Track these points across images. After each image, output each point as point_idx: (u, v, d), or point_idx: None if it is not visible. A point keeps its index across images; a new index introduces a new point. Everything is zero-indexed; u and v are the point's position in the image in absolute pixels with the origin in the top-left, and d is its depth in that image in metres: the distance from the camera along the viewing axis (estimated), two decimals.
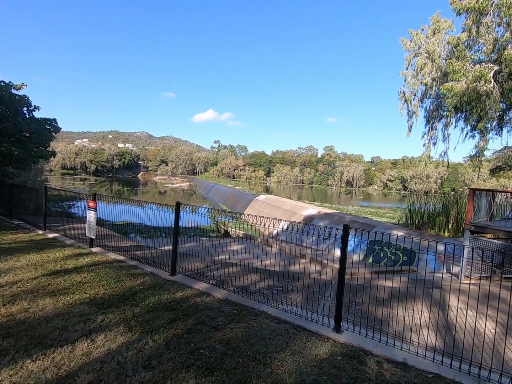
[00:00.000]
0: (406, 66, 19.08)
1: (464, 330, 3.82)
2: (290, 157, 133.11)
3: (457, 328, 4.12)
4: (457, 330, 4.05)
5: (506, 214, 9.98)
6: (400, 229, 13.92)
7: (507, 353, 3.45)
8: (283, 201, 25.93)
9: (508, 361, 3.26)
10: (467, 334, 3.87)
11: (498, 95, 11.90)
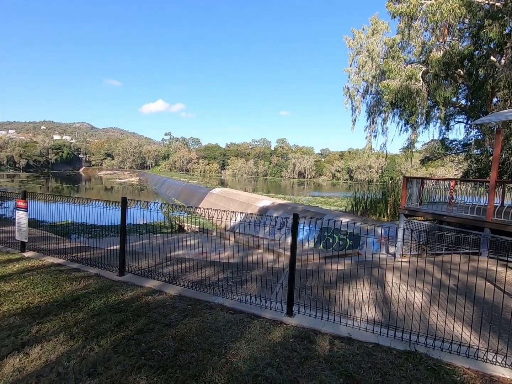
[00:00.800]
0: (349, 63, 20.25)
1: (397, 302, 4.30)
2: (244, 149, 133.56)
3: (393, 301, 4.62)
4: (393, 303, 4.55)
5: (433, 198, 11.42)
6: (347, 216, 14.98)
7: (432, 318, 3.99)
8: (238, 193, 26.04)
9: (433, 324, 3.77)
10: (401, 306, 4.38)
11: (425, 93, 13.35)
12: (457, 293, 4.78)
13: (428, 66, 13.54)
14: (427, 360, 2.78)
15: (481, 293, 4.97)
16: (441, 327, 3.64)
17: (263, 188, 61.14)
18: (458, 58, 12.51)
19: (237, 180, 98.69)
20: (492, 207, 6.88)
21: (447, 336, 3.22)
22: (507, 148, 12.34)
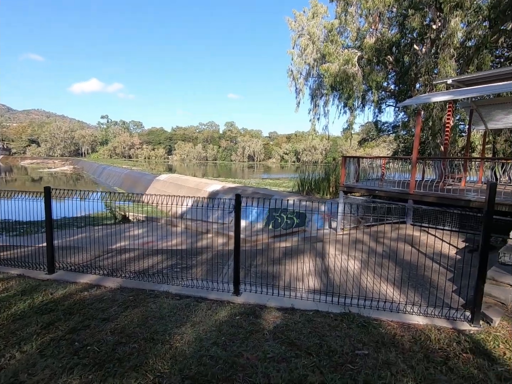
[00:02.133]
0: (292, 46, 20.45)
1: (336, 271, 4.69)
2: (191, 133, 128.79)
3: (332, 270, 5.02)
4: (332, 272, 4.94)
5: (369, 175, 12.54)
6: (294, 195, 15.62)
7: (364, 282, 4.45)
8: (187, 179, 25.26)
9: (365, 287, 4.21)
10: (339, 274, 4.79)
11: (361, 78, 14.26)
12: (383, 257, 5.40)
13: (362, 52, 14.40)
14: (359, 318, 3.10)
15: (405, 256, 5.69)
16: (372, 289, 4.09)
17: (213, 172, 60.16)
18: (388, 45, 13.53)
19: (185, 165, 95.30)
20: (414, 181, 7.81)
21: (376, 296, 3.62)
22: (427, 129, 14.01)
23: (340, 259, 5.51)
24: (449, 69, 11.11)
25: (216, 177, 37.91)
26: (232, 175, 48.70)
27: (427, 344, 2.65)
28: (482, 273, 2.97)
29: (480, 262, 2.97)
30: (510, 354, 2.46)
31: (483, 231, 2.96)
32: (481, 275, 2.97)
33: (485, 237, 2.96)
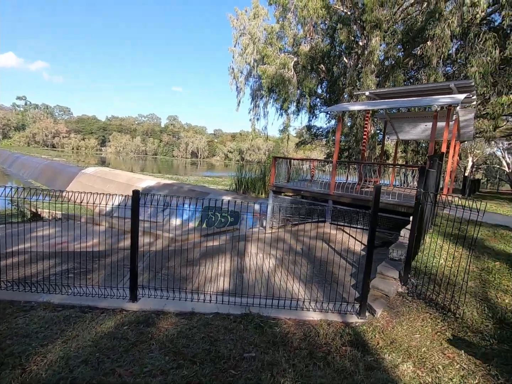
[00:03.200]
0: (234, 44, 20.33)
1: (251, 270, 4.68)
2: (130, 125, 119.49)
3: (248, 269, 5.01)
4: (247, 271, 4.92)
5: (302, 176, 13.15)
6: (230, 194, 15.52)
7: (275, 280, 4.52)
8: (118, 173, 23.21)
9: (275, 285, 4.26)
10: (253, 273, 4.79)
11: (296, 83, 14.88)
12: (299, 255, 5.61)
13: (298, 58, 15.03)
14: (257, 319, 3.07)
15: (318, 253, 6.01)
16: (279, 287, 4.16)
17: (152, 168, 56.73)
18: (321, 55, 14.36)
19: (121, 159, 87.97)
20: (334, 182, 8.40)
21: (283, 294, 3.68)
22: (352, 136, 15.33)
23: (259, 257, 5.55)
24: (370, 82, 12.28)
25: (156, 173, 35.77)
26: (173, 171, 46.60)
27: (315, 340, 2.74)
28: (368, 268, 3.21)
29: (367, 259, 3.21)
30: (383, 343, 2.68)
31: (369, 230, 3.20)
32: (367, 270, 3.21)
33: (371, 235, 3.21)
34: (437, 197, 5.27)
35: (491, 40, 10.97)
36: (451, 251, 4.32)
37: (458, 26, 11.16)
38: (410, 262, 3.61)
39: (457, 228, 5.51)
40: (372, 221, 3.16)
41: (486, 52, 11.05)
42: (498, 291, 3.22)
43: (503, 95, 11.26)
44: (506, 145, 34.63)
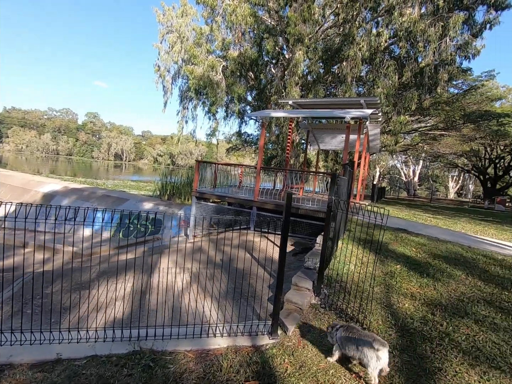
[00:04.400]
0: (160, 40, 19.13)
1: (155, 290, 4.01)
2: (36, 119, 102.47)
3: (156, 289, 4.32)
4: (155, 291, 4.24)
5: (232, 182, 12.81)
6: (153, 200, 14.21)
7: (183, 301, 3.95)
8: (11, 175, 19.25)
9: (181, 308, 3.70)
10: (162, 293, 4.14)
11: (224, 87, 14.62)
12: (217, 267, 5.17)
13: (227, 62, 14.83)
14: (149, 356, 2.48)
15: (239, 263, 5.67)
16: (188, 309, 3.61)
17: (66, 170, 49.28)
18: (249, 62, 14.44)
19: (24, 158, 74.53)
20: (258, 188, 8.28)
21: (190, 318, 3.15)
22: (278, 143, 15.82)
23: (171, 273, 4.90)
24: (294, 93, 12.81)
25: (68, 176, 30.95)
26: (91, 174, 41.32)
27: (216, 377, 2.30)
28: (279, 281, 2.95)
29: (278, 271, 2.95)
30: (291, 369, 2.40)
31: (281, 239, 2.96)
32: (279, 283, 2.95)
33: (283, 243, 2.97)
34: (349, 203, 5.50)
35: (392, 67, 12.64)
36: (361, 257, 4.46)
37: (367, 50, 12.53)
38: (323, 271, 3.51)
39: (365, 233, 5.87)
40: (284, 229, 2.92)
41: (388, 76, 12.67)
42: (400, 296, 3.34)
43: (401, 115, 13.06)
44: (403, 159, 41.15)
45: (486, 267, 4.22)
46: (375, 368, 2.12)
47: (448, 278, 3.76)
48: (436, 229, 7.18)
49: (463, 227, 8.15)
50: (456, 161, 33.70)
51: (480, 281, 3.71)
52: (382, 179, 48.33)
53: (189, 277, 4.83)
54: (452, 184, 46.15)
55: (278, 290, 2.94)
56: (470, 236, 6.58)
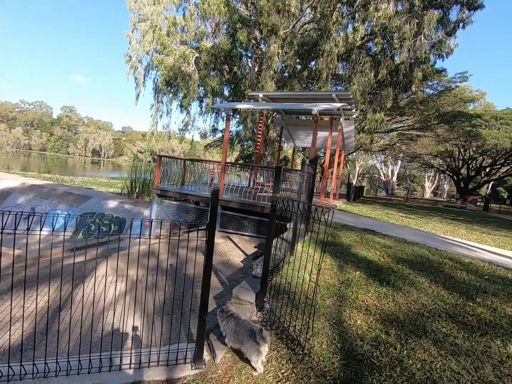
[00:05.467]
0: (131, 29, 18.05)
1: (76, 304, 3.37)
2: (7, 111, 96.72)
3: (77, 303, 3.67)
4: (74, 308, 3.59)
5: (204, 179, 12.14)
6: (118, 198, 13.35)
7: (106, 319, 3.34)
8: None
9: (98, 332, 3.09)
10: (81, 310, 3.50)
11: (197, 79, 13.90)
12: (161, 274, 4.57)
13: (201, 54, 14.11)
14: None
15: (190, 269, 5.09)
16: (107, 330, 3.02)
17: (37, 166, 46.56)
18: (223, 54, 13.79)
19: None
20: (223, 186, 7.71)
21: (105, 342, 2.56)
22: (255, 140, 15.27)
23: (104, 283, 4.25)
24: (269, 88, 12.31)
25: (38, 172, 28.94)
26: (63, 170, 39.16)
27: None
28: (203, 298, 2.41)
29: (203, 283, 2.41)
30: None
31: (206, 247, 2.42)
32: (203, 300, 2.41)
33: (208, 251, 2.43)
34: (310, 202, 5.04)
35: (368, 63, 12.39)
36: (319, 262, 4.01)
37: (343, 46, 12.22)
38: (266, 281, 3.00)
39: (330, 235, 5.44)
40: (209, 234, 2.39)
41: (364, 73, 12.43)
42: (353, 310, 2.89)
43: (377, 113, 12.87)
44: (382, 158, 41.82)
45: (451, 272, 3.88)
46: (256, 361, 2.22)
47: (410, 286, 3.36)
48: (405, 229, 6.89)
49: (433, 227, 7.95)
50: (432, 162, 34.53)
51: (444, 289, 3.34)
52: (362, 179, 49.00)
53: (125, 286, 4.20)
54: (428, 184, 47.48)
55: (202, 307, 2.40)
56: (439, 237, 6.33)
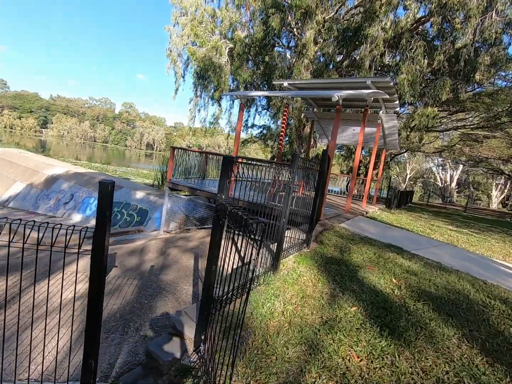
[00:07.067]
0: (173, 23, 18.25)
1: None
2: (78, 107, 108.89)
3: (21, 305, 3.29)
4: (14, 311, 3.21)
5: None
6: (147, 189, 13.57)
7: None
8: (27, 157, 19.91)
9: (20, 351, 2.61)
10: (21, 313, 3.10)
11: (229, 71, 13.41)
12: (143, 276, 4.05)
13: (235, 44, 13.59)
14: None
15: (173, 273, 4.51)
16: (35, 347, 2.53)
17: (102, 157, 51.50)
18: (257, 44, 13.08)
19: (65, 144, 79.62)
20: (233, 182, 7.02)
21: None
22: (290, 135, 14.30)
23: (69, 280, 3.87)
24: (304, 78, 11.27)
25: (90, 161, 31.70)
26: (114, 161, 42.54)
27: None
28: (89, 328, 1.73)
29: (88, 307, 1.73)
30: None
31: (93, 258, 1.73)
32: (88, 331, 1.73)
33: (95, 261, 1.74)
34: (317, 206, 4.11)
35: (421, 49, 10.60)
36: (310, 285, 3.08)
37: (391, 29, 10.63)
38: (205, 312, 2.21)
39: (339, 248, 4.41)
40: (95, 246, 1.70)
41: (416, 60, 10.66)
42: (323, 372, 1.95)
43: (429, 106, 10.97)
44: (440, 161, 37.26)
45: (502, 326, 2.64)
46: None
47: (426, 341, 2.28)
48: (448, 248, 5.45)
49: (490, 247, 6.26)
50: (502, 167, 29.60)
51: (483, 354, 2.19)
52: (414, 183, 44.42)
53: (85, 289, 3.76)
54: (496, 193, 41.14)
55: (87, 346, 1.72)
56: (494, 263, 4.82)
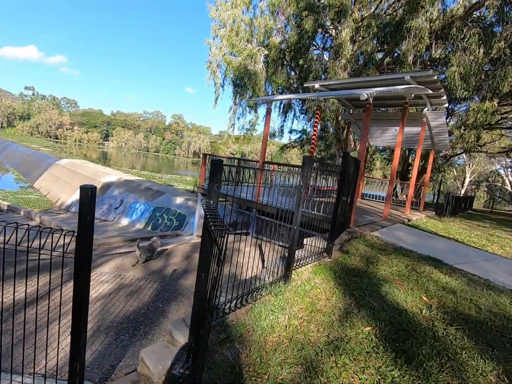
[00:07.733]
0: (212, 36, 19.04)
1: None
2: (134, 120, 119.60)
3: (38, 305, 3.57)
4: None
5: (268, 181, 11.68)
6: (186, 195, 14.22)
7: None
8: (87, 166, 22.40)
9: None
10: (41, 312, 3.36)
11: (264, 77, 13.50)
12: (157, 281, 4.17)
13: (270, 51, 13.67)
14: None
15: (192, 278, 4.55)
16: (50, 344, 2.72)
17: (153, 165, 55.82)
18: (292, 48, 12.99)
19: (123, 154, 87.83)
20: (260, 188, 6.95)
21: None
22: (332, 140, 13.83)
23: (97, 281, 4.13)
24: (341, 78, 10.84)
25: (156, 171, 34.26)
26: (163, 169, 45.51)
27: None
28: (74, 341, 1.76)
29: (72, 325, 1.76)
30: None
31: (76, 277, 1.77)
32: (73, 345, 1.76)
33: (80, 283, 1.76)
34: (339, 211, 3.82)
35: (475, 37, 9.46)
36: (321, 299, 2.83)
37: (438, 19, 9.70)
38: (198, 325, 2.13)
39: (366, 259, 4.02)
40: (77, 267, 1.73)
41: (469, 50, 9.55)
42: None
43: (487, 100, 9.68)
44: (509, 163, 32.65)
45: None
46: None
47: (452, 376, 1.91)
48: (504, 263, 4.63)
49: None
50: None
51: None
52: (476, 187, 39.58)
53: (108, 290, 3.96)
54: None
55: (73, 344, 1.76)
56: None
